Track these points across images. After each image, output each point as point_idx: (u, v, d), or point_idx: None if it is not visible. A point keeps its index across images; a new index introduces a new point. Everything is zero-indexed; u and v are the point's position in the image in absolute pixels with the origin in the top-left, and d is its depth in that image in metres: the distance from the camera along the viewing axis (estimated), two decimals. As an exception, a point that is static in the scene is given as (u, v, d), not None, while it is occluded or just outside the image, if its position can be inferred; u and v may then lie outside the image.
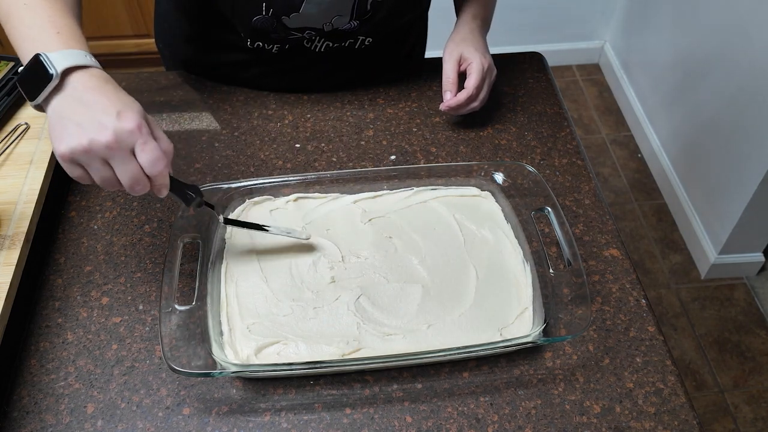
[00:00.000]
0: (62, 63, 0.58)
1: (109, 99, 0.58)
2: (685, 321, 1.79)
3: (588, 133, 2.30)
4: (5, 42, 2.25)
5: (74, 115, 0.57)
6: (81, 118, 0.57)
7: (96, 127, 0.56)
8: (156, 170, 0.59)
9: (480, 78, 0.88)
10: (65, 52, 0.60)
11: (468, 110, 0.91)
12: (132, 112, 0.58)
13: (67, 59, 0.59)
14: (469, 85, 0.88)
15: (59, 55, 0.59)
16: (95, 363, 0.69)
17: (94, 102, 0.58)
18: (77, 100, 0.58)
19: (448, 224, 0.79)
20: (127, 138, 0.57)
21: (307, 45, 0.90)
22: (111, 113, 0.57)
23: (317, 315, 0.70)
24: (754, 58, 1.60)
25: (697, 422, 0.66)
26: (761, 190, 1.62)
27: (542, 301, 0.69)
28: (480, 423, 0.65)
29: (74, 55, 0.60)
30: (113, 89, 0.60)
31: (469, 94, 0.88)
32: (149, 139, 0.58)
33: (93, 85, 0.59)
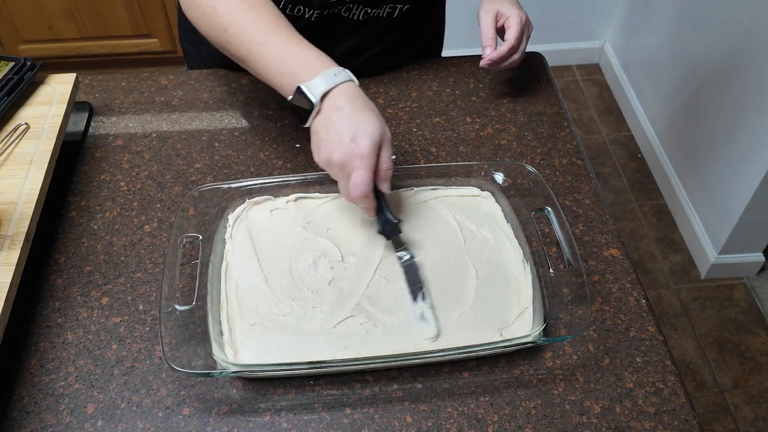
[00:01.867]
0: (319, 90, 0.69)
1: (349, 122, 0.68)
2: (685, 321, 1.79)
3: (588, 133, 2.30)
4: (5, 42, 2.25)
5: (323, 133, 0.69)
6: (326, 136, 0.69)
7: (332, 147, 0.68)
8: (354, 193, 0.67)
9: (519, 30, 0.89)
10: (319, 78, 0.70)
11: (508, 64, 0.91)
12: (363, 137, 0.67)
13: (322, 85, 0.69)
14: (510, 37, 0.89)
15: (315, 83, 0.69)
16: (95, 363, 0.69)
17: (338, 123, 0.68)
18: (327, 120, 0.69)
19: (448, 224, 0.79)
20: (349, 162, 0.67)
21: (345, 14, 0.92)
22: (346, 137, 0.67)
23: (317, 315, 0.70)
24: (754, 57, 1.60)
25: (697, 422, 0.66)
26: (761, 190, 1.62)
27: (542, 301, 0.69)
28: (480, 423, 0.65)
29: (326, 78, 0.70)
30: (356, 108, 0.69)
31: (510, 45, 0.89)
32: (364, 167, 0.67)
33: (340, 104, 0.69)
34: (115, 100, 0.99)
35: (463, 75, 1.03)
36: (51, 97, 0.91)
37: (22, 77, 0.90)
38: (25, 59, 0.91)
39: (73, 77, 0.94)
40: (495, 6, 0.91)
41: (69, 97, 0.91)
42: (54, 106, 0.90)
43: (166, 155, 0.91)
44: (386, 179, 0.70)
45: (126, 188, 0.86)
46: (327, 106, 0.69)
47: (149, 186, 0.87)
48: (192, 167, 0.89)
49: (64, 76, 0.94)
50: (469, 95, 1.00)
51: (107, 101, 0.99)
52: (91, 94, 1.00)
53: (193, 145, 0.92)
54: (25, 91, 0.91)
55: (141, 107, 0.98)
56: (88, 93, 1.00)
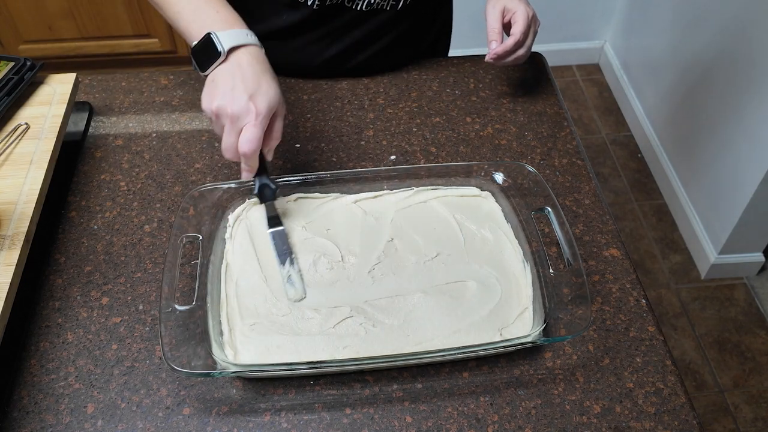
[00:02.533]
0: (228, 42, 0.70)
1: (251, 80, 0.69)
2: (685, 321, 1.79)
3: (588, 133, 2.30)
4: (5, 42, 2.25)
5: (221, 84, 0.69)
6: (224, 87, 0.69)
7: (229, 98, 0.68)
8: (243, 149, 0.68)
9: (526, 24, 0.89)
10: (231, 32, 0.71)
11: (513, 59, 0.91)
12: (262, 98, 0.68)
13: (232, 39, 0.71)
14: (517, 31, 0.89)
15: (226, 35, 0.71)
16: (95, 363, 0.69)
17: (240, 79, 0.69)
18: (230, 72, 0.70)
19: (448, 224, 0.79)
20: (244, 117, 0.68)
21: (348, 4, 0.92)
22: (246, 93, 0.68)
23: (316, 315, 0.69)
24: (754, 57, 1.60)
25: (697, 422, 0.66)
26: (761, 190, 1.62)
27: (542, 301, 0.69)
28: (480, 423, 0.65)
29: (238, 35, 0.71)
30: (260, 72, 0.70)
31: (516, 40, 0.88)
32: (257, 126, 0.67)
33: (246, 63, 0.70)
34: (115, 100, 0.99)
35: (463, 75, 1.03)
36: (51, 97, 0.91)
37: (22, 77, 0.90)
38: (25, 59, 0.91)
39: (73, 77, 0.94)
40: (502, 1, 0.91)
41: (69, 97, 0.91)
42: (54, 106, 0.90)
43: (166, 155, 0.91)
44: (272, 149, 0.72)
45: (126, 188, 0.86)
46: (232, 59, 0.71)
47: (149, 186, 0.87)
48: (192, 167, 0.89)
49: (64, 76, 0.94)
50: (469, 95, 1.00)
51: (107, 101, 0.99)
52: (91, 94, 1.00)
53: (193, 145, 0.92)
54: (25, 91, 0.91)
55: (141, 107, 0.98)
56: (88, 93, 1.00)
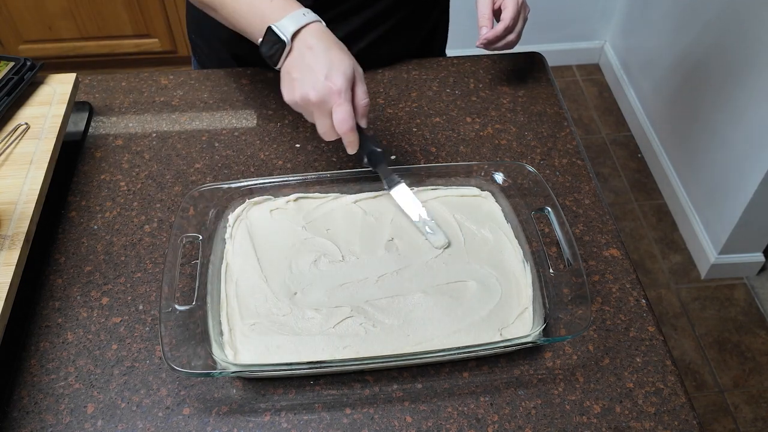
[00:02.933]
0: (289, 30, 0.71)
1: (322, 59, 0.70)
2: (685, 321, 1.79)
3: (588, 133, 2.30)
4: (5, 42, 2.25)
5: (296, 72, 0.71)
6: (300, 75, 0.70)
7: (307, 86, 0.69)
8: (342, 129, 0.69)
9: (515, 10, 0.89)
10: (288, 17, 0.72)
11: (504, 44, 0.91)
12: (337, 74, 0.69)
13: (292, 25, 0.72)
14: (507, 17, 0.89)
15: (285, 22, 0.72)
16: (95, 363, 0.69)
17: (312, 62, 0.70)
18: (300, 59, 0.71)
19: (448, 224, 0.79)
20: (327, 99, 0.69)
21: None
22: (321, 74, 0.69)
23: (317, 315, 0.69)
24: (754, 57, 1.60)
25: (697, 422, 0.66)
26: (761, 190, 1.62)
27: (542, 301, 0.69)
28: (480, 423, 0.65)
29: (295, 18, 0.72)
30: (326, 47, 0.71)
31: (506, 25, 0.89)
32: (344, 102, 0.69)
33: (312, 43, 0.71)
34: (115, 100, 0.99)
35: (463, 75, 1.03)
36: (51, 97, 0.91)
37: (22, 77, 0.90)
38: (25, 59, 0.91)
39: (73, 77, 0.94)
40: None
41: (69, 97, 0.91)
42: (54, 106, 0.90)
43: (166, 155, 0.91)
44: (364, 114, 0.72)
45: (126, 188, 0.86)
46: (298, 45, 0.71)
47: (149, 186, 0.87)
48: (192, 167, 0.89)
49: (64, 76, 0.94)
50: (469, 95, 1.00)
51: (107, 101, 0.99)
52: (91, 94, 1.00)
53: (193, 145, 0.92)
54: (25, 91, 0.91)
55: (141, 107, 0.98)
56: (88, 93, 1.00)
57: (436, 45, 1.13)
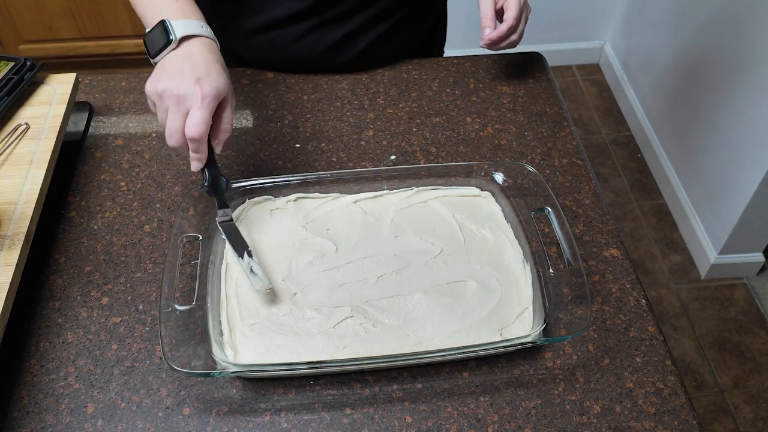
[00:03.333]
0: (181, 31, 0.70)
1: (201, 66, 0.68)
2: (685, 321, 1.79)
3: (588, 133, 2.30)
4: (5, 42, 2.25)
5: (169, 67, 0.69)
6: (171, 71, 0.68)
7: (176, 81, 0.67)
8: (190, 133, 0.66)
9: (518, 10, 0.90)
10: (185, 21, 0.71)
11: (507, 44, 0.92)
12: (209, 84, 0.67)
13: (186, 28, 0.71)
14: (509, 17, 0.89)
15: (180, 23, 0.71)
16: (95, 363, 0.69)
17: (189, 64, 0.68)
18: (180, 58, 0.69)
19: (448, 224, 0.79)
20: (189, 99, 0.66)
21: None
22: (193, 76, 0.67)
23: (316, 315, 0.69)
24: (754, 57, 1.60)
25: (697, 422, 0.66)
26: (761, 190, 1.62)
27: (542, 301, 0.69)
28: (480, 423, 0.65)
29: (192, 25, 0.71)
30: (210, 60, 0.70)
31: (510, 25, 0.89)
32: (204, 110, 0.66)
33: (197, 51, 0.70)
34: (115, 100, 0.99)
35: (463, 75, 1.03)
36: (51, 97, 0.91)
37: (22, 77, 0.90)
38: (25, 59, 0.91)
39: (73, 77, 0.94)
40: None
41: (69, 97, 0.91)
42: (54, 106, 0.90)
43: (166, 155, 0.91)
44: (221, 142, 0.71)
45: (126, 188, 0.86)
46: (184, 47, 0.70)
47: (149, 186, 0.87)
48: (192, 167, 0.89)
49: (64, 76, 0.94)
50: (469, 95, 1.00)
51: (107, 101, 0.99)
52: (91, 94, 1.00)
53: (193, 145, 0.92)
54: (25, 91, 0.91)
55: (141, 107, 0.98)
56: (88, 93, 1.00)
57: (435, 45, 1.14)
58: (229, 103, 0.70)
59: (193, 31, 0.71)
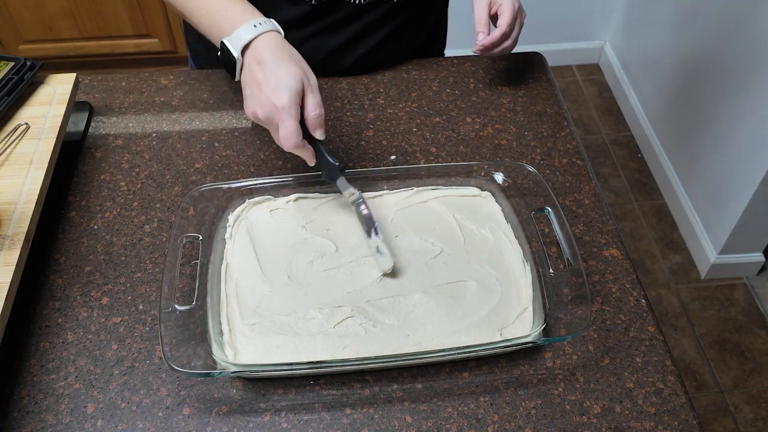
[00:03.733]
0: (238, 45, 0.72)
1: (270, 75, 0.70)
2: (685, 321, 1.79)
3: (588, 133, 2.30)
4: (5, 42, 2.25)
5: (249, 86, 0.72)
6: (251, 90, 0.71)
7: (258, 102, 0.70)
8: (286, 146, 0.69)
9: (512, 16, 0.90)
10: (237, 32, 0.72)
11: (501, 50, 0.92)
12: (282, 90, 0.68)
13: (240, 40, 0.72)
14: (503, 23, 0.89)
15: (234, 38, 0.72)
16: (95, 363, 0.69)
17: (260, 78, 0.70)
18: (251, 75, 0.72)
19: (448, 224, 0.79)
20: (274, 117, 0.69)
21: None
22: (267, 91, 0.69)
23: (317, 315, 0.69)
24: (754, 57, 1.60)
25: (697, 422, 0.66)
26: (761, 190, 1.62)
27: (542, 301, 0.69)
28: (480, 423, 0.65)
29: (245, 32, 0.72)
30: (275, 61, 0.71)
31: (503, 31, 0.89)
32: (288, 119, 0.68)
33: (262, 58, 0.71)
34: (115, 100, 0.99)
35: (463, 75, 1.03)
36: (51, 97, 0.91)
37: (22, 77, 0.90)
38: (25, 59, 0.91)
39: (73, 77, 0.94)
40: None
41: (69, 97, 0.91)
42: (54, 106, 0.90)
43: (166, 155, 0.91)
44: (318, 126, 0.72)
45: (126, 188, 0.86)
46: (249, 60, 0.72)
47: (149, 186, 0.87)
48: (192, 167, 0.89)
49: (64, 76, 0.94)
50: (469, 95, 1.00)
51: (107, 101, 0.99)
52: (91, 94, 1.00)
53: (193, 145, 0.92)
54: (25, 91, 0.91)
55: (141, 107, 0.98)
56: (88, 93, 1.00)
57: (434, 48, 1.13)
58: (309, 90, 0.71)
59: (250, 36, 0.72)
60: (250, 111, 0.71)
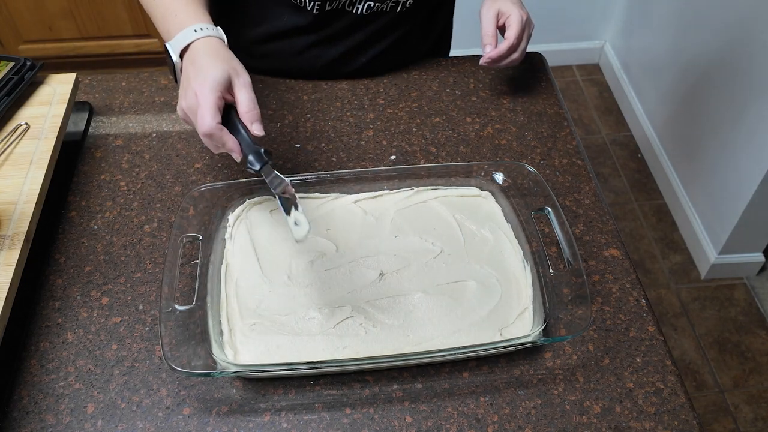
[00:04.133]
0: (176, 49, 0.73)
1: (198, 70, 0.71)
2: (685, 321, 1.79)
3: (588, 133, 2.30)
4: (5, 42, 2.25)
5: (181, 87, 0.73)
6: (181, 90, 0.72)
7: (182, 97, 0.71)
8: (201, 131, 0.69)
9: (520, 28, 0.89)
10: (177, 37, 0.73)
11: (508, 62, 0.91)
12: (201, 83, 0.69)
13: (179, 44, 0.73)
14: (510, 35, 0.89)
15: (174, 42, 0.74)
16: (95, 363, 0.69)
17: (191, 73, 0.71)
18: (185, 74, 0.73)
19: (448, 224, 0.79)
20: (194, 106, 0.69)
21: (349, 8, 0.92)
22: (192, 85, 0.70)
23: (317, 315, 0.69)
24: (754, 57, 1.60)
25: (697, 422, 0.66)
26: (761, 190, 1.62)
27: (542, 301, 0.69)
28: (480, 423, 0.65)
29: (184, 37, 0.73)
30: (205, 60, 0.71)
31: (510, 44, 0.89)
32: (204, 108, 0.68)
33: (196, 57, 0.72)
34: (115, 100, 0.99)
35: (463, 75, 1.03)
36: (51, 97, 0.91)
37: (22, 77, 0.90)
38: (25, 59, 0.91)
39: (73, 77, 0.94)
40: (497, 4, 0.91)
41: (69, 97, 0.91)
42: (54, 106, 0.90)
43: (166, 155, 0.91)
44: (252, 120, 0.70)
45: (126, 188, 0.86)
46: (186, 62, 0.73)
47: (149, 186, 0.87)
48: (192, 167, 0.89)
49: (64, 76, 0.94)
50: (469, 95, 1.00)
51: (107, 101, 0.99)
52: (91, 94, 1.00)
53: (193, 145, 0.92)
54: (25, 91, 0.91)
55: (141, 107, 0.98)
56: (88, 93, 1.00)
57: (438, 57, 1.13)
58: (240, 85, 0.70)
59: (187, 41, 0.73)
60: (178, 107, 0.72)
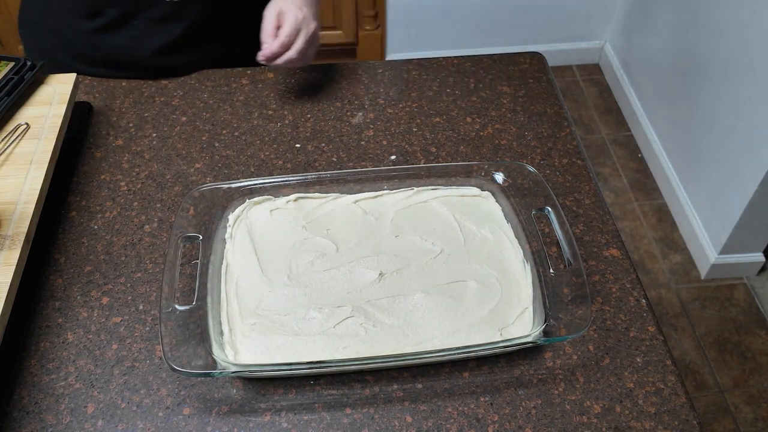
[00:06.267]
0: None
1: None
2: (685, 321, 1.79)
3: (588, 133, 2.30)
4: (5, 42, 2.25)
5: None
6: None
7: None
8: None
9: (292, 28, 0.90)
10: None
11: (284, 61, 0.91)
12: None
13: None
14: (281, 34, 0.90)
15: None
16: (95, 363, 0.69)
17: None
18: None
19: (448, 224, 0.79)
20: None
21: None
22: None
23: (317, 315, 0.69)
24: (753, 57, 1.60)
25: (697, 422, 0.66)
26: (761, 190, 1.62)
27: (542, 301, 0.69)
28: (480, 423, 0.65)
29: None
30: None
31: (281, 42, 0.89)
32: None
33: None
34: (115, 100, 0.99)
35: (463, 75, 1.03)
36: (51, 97, 0.91)
37: (23, 77, 0.90)
38: (25, 59, 0.91)
39: (73, 77, 0.94)
40: (279, 4, 0.92)
41: (69, 97, 0.91)
42: (54, 106, 0.90)
43: (166, 155, 0.91)
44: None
45: (126, 188, 0.86)
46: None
47: (149, 186, 0.87)
48: (192, 167, 0.89)
49: (64, 76, 0.94)
50: (469, 95, 1.00)
51: (107, 101, 0.99)
52: (91, 94, 1.00)
53: (193, 145, 0.92)
54: (25, 91, 0.91)
55: (141, 107, 0.98)
56: (88, 93, 1.00)
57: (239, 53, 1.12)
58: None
59: None
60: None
